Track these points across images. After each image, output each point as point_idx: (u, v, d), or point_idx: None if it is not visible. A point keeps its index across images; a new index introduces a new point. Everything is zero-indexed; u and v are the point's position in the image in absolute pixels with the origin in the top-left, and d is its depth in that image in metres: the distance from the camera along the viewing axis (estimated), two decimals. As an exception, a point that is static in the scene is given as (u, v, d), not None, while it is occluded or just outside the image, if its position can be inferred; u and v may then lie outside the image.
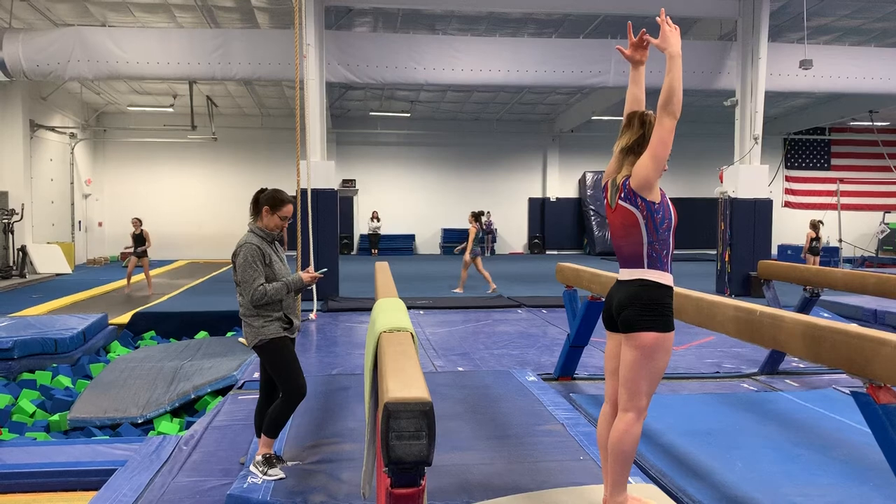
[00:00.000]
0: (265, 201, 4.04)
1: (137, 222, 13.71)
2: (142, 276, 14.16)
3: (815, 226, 14.99)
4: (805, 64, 13.00)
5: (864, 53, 14.59)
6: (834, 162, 25.96)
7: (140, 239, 13.65)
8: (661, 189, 2.97)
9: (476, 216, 12.74)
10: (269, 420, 3.95)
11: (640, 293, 2.91)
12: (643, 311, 2.88)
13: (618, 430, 2.90)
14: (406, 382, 1.85)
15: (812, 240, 14.86)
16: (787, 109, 23.04)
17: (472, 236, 12.53)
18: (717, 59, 13.94)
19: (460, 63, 13.46)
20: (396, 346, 2.35)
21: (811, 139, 25.71)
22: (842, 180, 23.86)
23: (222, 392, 6.51)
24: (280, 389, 4.02)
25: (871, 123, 22.04)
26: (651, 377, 2.91)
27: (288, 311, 4.04)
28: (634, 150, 3.01)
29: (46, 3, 13.58)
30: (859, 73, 14.30)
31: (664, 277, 2.94)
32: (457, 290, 12.90)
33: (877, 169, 25.28)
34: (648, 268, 2.93)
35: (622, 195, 2.96)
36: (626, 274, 3.01)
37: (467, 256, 12.68)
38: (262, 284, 3.89)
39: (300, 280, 4.06)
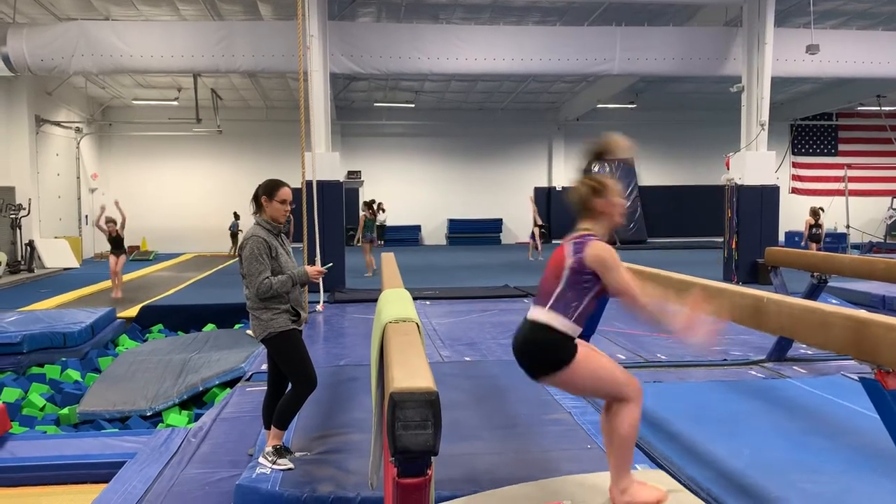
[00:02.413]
0: (262, 192, 4.05)
1: (112, 224, 11.97)
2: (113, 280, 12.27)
3: (814, 213, 15.00)
4: (812, 49, 12.89)
5: (872, 37, 14.47)
6: (841, 147, 25.79)
7: (117, 241, 12.02)
8: None
9: (368, 205, 14.65)
10: (278, 412, 3.96)
11: (531, 337, 2.80)
12: (536, 357, 2.79)
13: (616, 417, 2.88)
14: (412, 372, 1.85)
15: (812, 227, 14.89)
16: (793, 95, 22.90)
17: (361, 224, 14.33)
18: (723, 46, 13.84)
19: (464, 52, 13.41)
20: (402, 336, 2.34)
21: (818, 125, 25.54)
22: (849, 166, 23.72)
23: (230, 384, 6.53)
24: (290, 381, 4.03)
25: (878, 108, 21.90)
26: (602, 378, 2.80)
27: (295, 304, 4.04)
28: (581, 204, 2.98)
29: (50, -2, 13.60)
30: (866, 57, 14.19)
31: (564, 325, 2.73)
32: (367, 275, 13.68)
33: (885, 154, 25.11)
34: (550, 309, 2.77)
35: (573, 248, 2.87)
36: (531, 311, 2.87)
37: (359, 242, 14.56)
38: (267, 278, 3.89)
39: (305, 274, 4.06)
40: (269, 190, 4.04)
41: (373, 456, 2.95)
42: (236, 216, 21.78)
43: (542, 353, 2.77)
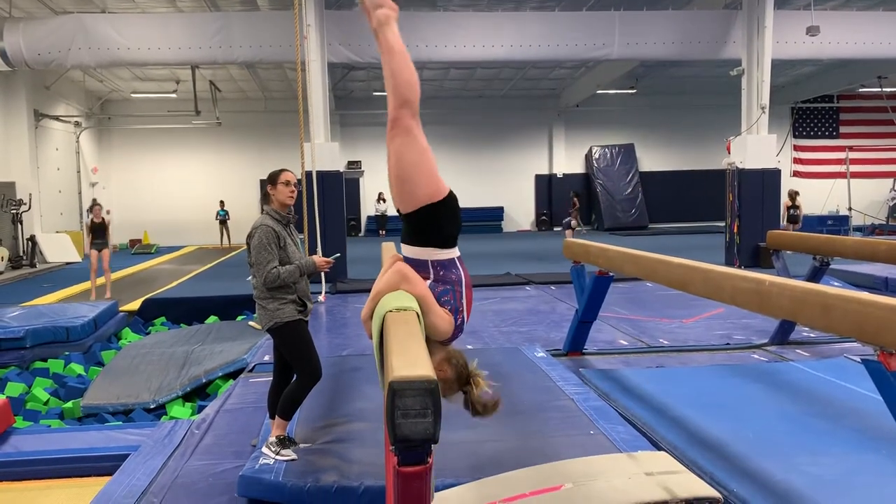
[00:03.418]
0: (267, 182, 4.16)
1: (98, 207, 11.35)
2: (103, 279, 11.36)
3: (791, 195, 15.21)
4: (812, 30, 12.81)
5: (872, 18, 14.37)
6: (843, 129, 25.68)
7: (101, 229, 11.12)
8: None
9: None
10: (283, 402, 3.97)
11: None
12: None
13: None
14: (411, 361, 1.84)
15: (789, 208, 15.03)
16: (794, 77, 22.78)
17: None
18: (723, 29, 13.76)
19: (463, 40, 13.34)
20: (402, 325, 2.33)
21: (819, 107, 25.43)
22: (851, 148, 23.63)
23: (233, 376, 6.53)
24: (295, 371, 4.05)
25: (880, 90, 21.77)
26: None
27: (302, 294, 4.06)
28: None
29: (46, -9, 13.54)
30: (867, 38, 14.10)
31: None
32: None
33: (886, 136, 25.00)
34: None
35: None
36: None
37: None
38: (275, 267, 3.92)
39: (312, 264, 4.09)
40: (272, 177, 4.13)
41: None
42: (222, 204, 22.14)
43: None
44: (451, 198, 2.76)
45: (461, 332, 2.70)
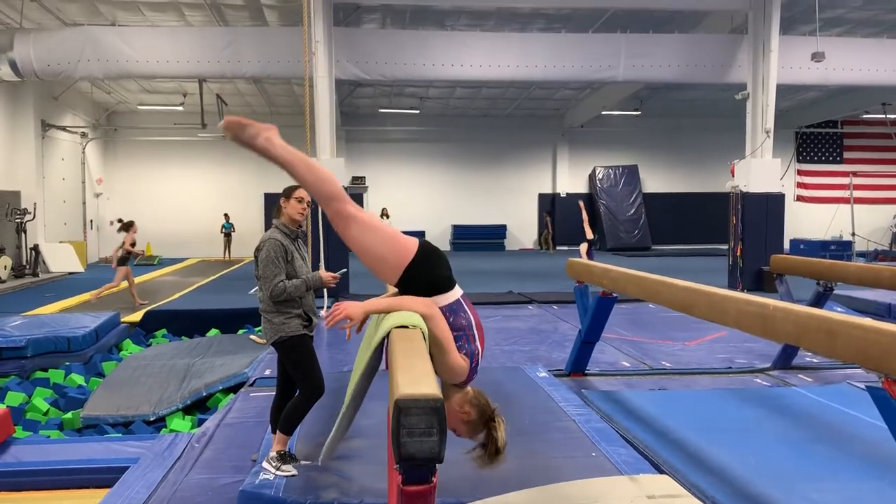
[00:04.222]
0: (281, 195, 4.18)
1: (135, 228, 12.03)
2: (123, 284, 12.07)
3: None
4: (817, 56, 12.88)
5: (877, 45, 14.45)
6: (846, 155, 25.74)
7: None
8: None
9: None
10: (284, 416, 3.96)
11: None
12: None
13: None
14: (416, 379, 1.84)
15: None
16: (798, 102, 22.86)
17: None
18: (729, 53, 13.83)
19: (469, 59, 13.42)
20: (407, 342, 2.34)
21: (823, 132, 25.51)
22: (854, 174, 23.67)
23: (234, 389, 6.52)
24: (298, 387, 4.04)
25: (884, 116, 21.82)
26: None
27: (308, 309, 4.07)
28: None
29: (57, 3, 13.63)
30: (872, 65, 14.17)
31: None
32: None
33: (890, 162, 25.06)
34: None
35: None
36: None
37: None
38: (282, 281, 3.94)
39: (319, 279, 4.10)
40: (286, 192, 4.16)
41: (334, 432, 2.93)
42: (227, 217, 22.23)
43: None
44: (422, 250, 2.79)
45: (476, 374, 2.70)
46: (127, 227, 11.98)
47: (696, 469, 4.00)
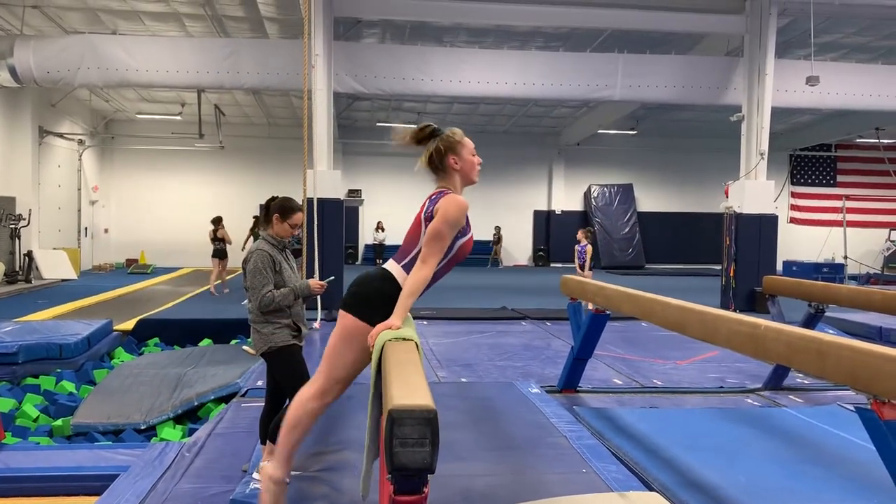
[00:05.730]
0: (275, 209, 4.15)
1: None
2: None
3: None
4: (812, 80, 12.99)
5: (871, 71, 14.59)
6: (840, 178, 25.93)
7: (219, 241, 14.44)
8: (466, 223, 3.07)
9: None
10: (275, 427, 3.96)
11: (377, 285, 3.08)
12: (370, 301, 3.05)
13: (295, 401, 3.13)
14: (410, 390, 1.86)
15: None
16: (793, 125, 23.05)
17: None
18: (724, 75, 13.96)
19: (468, 75, 13.51)
20: (402, 354, 2.36)
21: (817, 155, 25.69)
22: (847, 197, 23.83)
23: (225, 399, 6.51)
24: (287, 397, 4.04)
25: (877, 140, 22.04)
26: (345, 359, 3.15)
27: (297, 319, 4.08)
28: (434, 164, 3.16)
29: (58, 11, 13.69)
30: (865, 90, 14.29)
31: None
32: None
33: (883, 186, 25.23)
34: (403, 267, 3.08)
35: (426, 211, 3.08)
36: (388, 263, 3.20)
37: None
38: (270, 291, 3.96)
39: (307, 287, 4.11)
40: (283, 211, 4.13)
41: (365, 466, 2.96)
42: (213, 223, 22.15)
43: (378, 301, 3.01)
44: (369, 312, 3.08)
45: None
46: (216, 221, 14.23)
47: (685, 487, 4.02)
